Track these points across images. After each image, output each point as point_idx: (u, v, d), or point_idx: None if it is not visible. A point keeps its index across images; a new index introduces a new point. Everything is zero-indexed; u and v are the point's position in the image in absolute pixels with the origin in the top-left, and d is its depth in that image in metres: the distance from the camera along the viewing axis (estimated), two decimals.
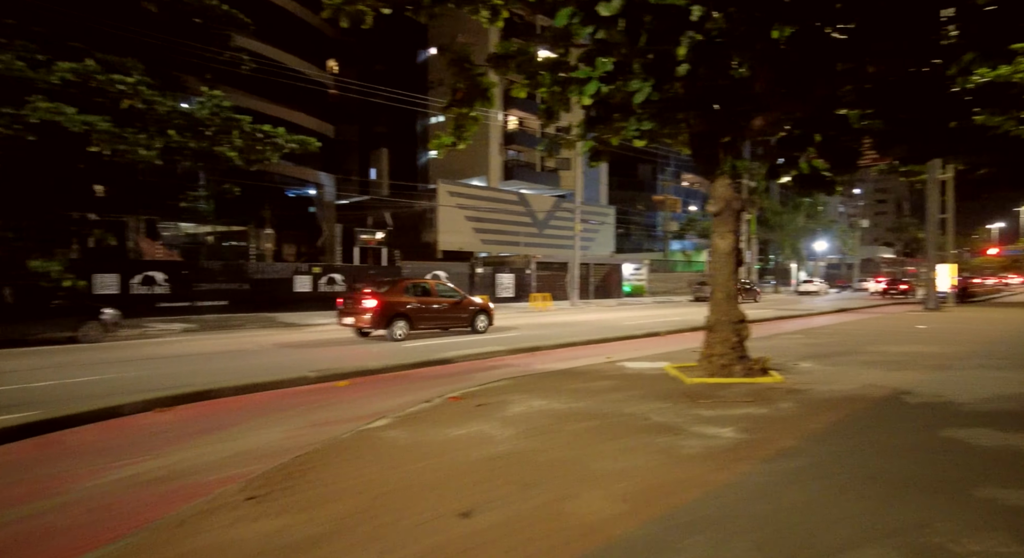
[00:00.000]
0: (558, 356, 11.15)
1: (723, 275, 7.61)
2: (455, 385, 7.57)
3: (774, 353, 10.00)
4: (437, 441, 4.74)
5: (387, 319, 13.13)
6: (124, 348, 12.11)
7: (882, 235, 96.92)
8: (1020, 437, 4.64)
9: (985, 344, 11.10)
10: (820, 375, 7.74)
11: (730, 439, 4.70)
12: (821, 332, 14.18)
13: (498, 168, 43.88)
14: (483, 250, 39.34)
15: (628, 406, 5.96)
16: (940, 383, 7.03)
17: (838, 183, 9.69)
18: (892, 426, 5.05)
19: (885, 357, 9.40)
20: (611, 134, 9.15)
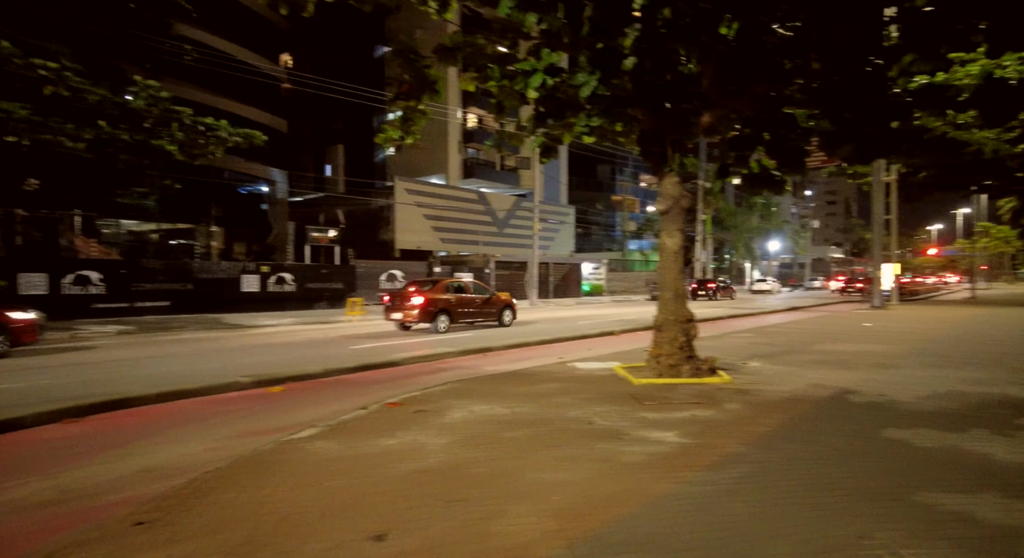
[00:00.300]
0: (510, 357, 10.90)
1: (671, 274, 7.49)
2: (398, 390, 7.24)
3: (724, 352, 10.00)
4: (365, 453, 4.41)
5: (432, 314, 14.51)
6: (43, 353, 11.29)
7: (832, 235, 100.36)
8: (958, 437, 4.61)
9: (925, 342, 11.36)
10: (768, 375, 7.70)
11: (673, 445, 4.52)
12: (771, 331, 14.34)
13: (457, 166, 43.42)
14: (442, 249, 38.86)
15: (573, 410, 5.74)
16: (883, 382, 7.05)
17: (786, 183, 9.72)
18: (836, 428, 4.96)
19: (832, 356, 9.48)
20: (561, 130, 8.95)
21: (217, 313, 20.46)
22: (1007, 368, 7.98)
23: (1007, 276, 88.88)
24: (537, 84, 6.61)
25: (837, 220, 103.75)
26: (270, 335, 14.79)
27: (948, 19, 6.35)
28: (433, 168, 43.10)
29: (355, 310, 20.36)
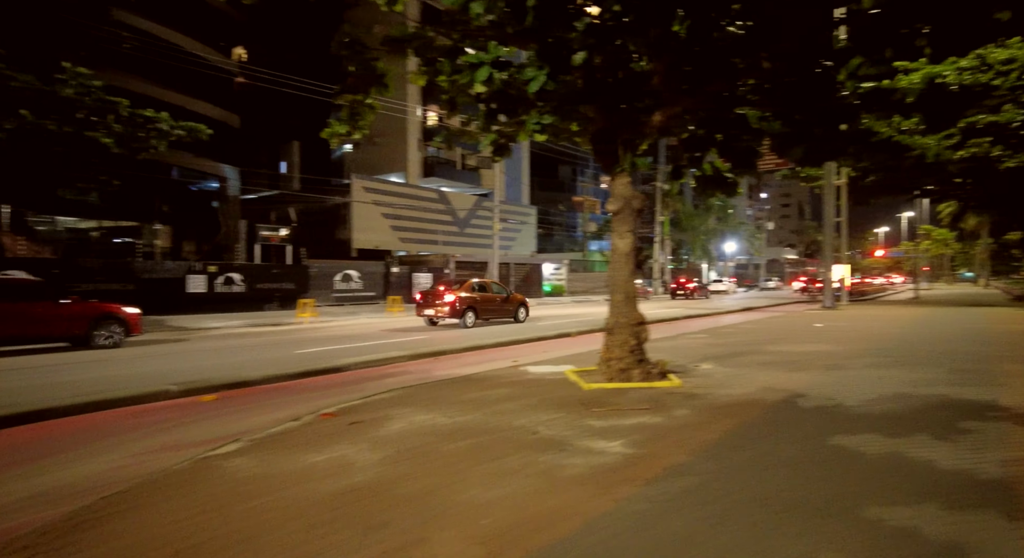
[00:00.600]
0: (463, 361, 10.62)
1: (622, 275, 7.33)
2: (338, 398, 6.88)
3: (677, 354, 9.94)
4: (286, 471, 4.07)
5: (461, 311, 16.31)
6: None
7: (786, 237, 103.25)
8: (903, 442, 4.54)
9: (872, 342, 11.55)
10: (719, 378, 7.62)
11: (617, 455, 4.32)
12: (725, 331, 14.44)
13: (417, 165, 42.82)
14: (401, 248, 38.27)
15: (519, 418, 5.50)
16: (832, 384, 7.05)
17: (739, 185, 9.73)
18: (784, 434, 4.85)
19: (783, 357, 9.50)
20: (515, 128, 8.72)
21: (160, 315, 19.51)
22: (947, 368, 8.10)
23: (947, 277, 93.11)
24: (483, 77, 6.35)
25: (791, 222, 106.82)
26: (216, 335, 14.11)
27: (893, 22, 6.37)
28: (392, 166, 42.41)
29: (306, 312, 19.71)
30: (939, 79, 6.95)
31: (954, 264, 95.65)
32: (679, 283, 41.53)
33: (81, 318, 11.82)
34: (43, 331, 11.48)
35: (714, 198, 59.63)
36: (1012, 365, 8.38)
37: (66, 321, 11.64)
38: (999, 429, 4.89)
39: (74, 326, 11.73)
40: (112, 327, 12.22)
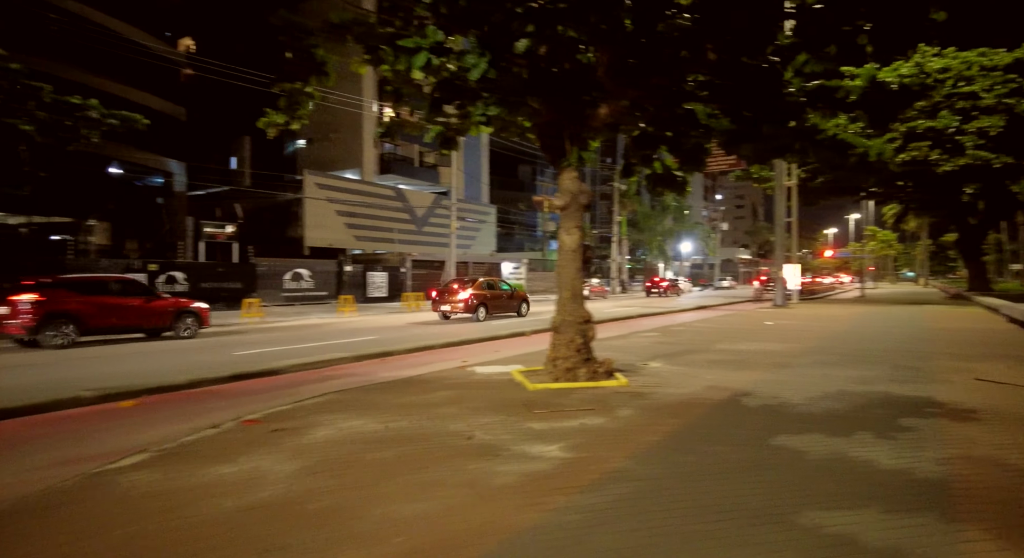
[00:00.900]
0: (411, 361, 10.26)
1: (568, 273, 7.13)
2: (269, 403, 6.46)
3: (627, 352, 9.82)
4: (189, 486, 3.68)
5: (474, 306, 17.90)
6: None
7: (740, 238, 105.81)
8: (844, 442, 4.45)
9: (819, 340, 11.71)
10: (666, 376, 7.50)
11: (554, 461, 4.08)
12: (677, 329, 14.47)
13: (373, 161, 42.00)
14: (356, 247, 37.47)
15: (456, 422, 5.21)
16: (778, 383, 7.00)
17: (688, 184, 9.69)
18: (727, 435, 4.71)
19: (732, 356, 9.49)
20: (460, 120, 8.42)
21: None
22: (889, 365, 8.20)
23: (891, 276, 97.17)
24: (421, 63, 6.04)
25: (745, 223, 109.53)
26: (162, 338, 13.34)
27: (835, 19, 6.34)
28: (348, 163, 41.51)
29: (252, 311, 18.95)
30: (880, 77, 6.98)
31: (897, 264, 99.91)
32: (654, 282, 44.64)
33: (167, 312, 13.53)
34: (139, 323, 13.16)
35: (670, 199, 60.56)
36: (948, 362, 8.54)
37: (157, 315, 13.36)
38: (936, 426, 4.86)
39: (163, 318, 13.43)
40: (189, 320, 13.87)
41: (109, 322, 12.53)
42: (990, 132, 24.90)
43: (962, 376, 7.23)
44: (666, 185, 9.50)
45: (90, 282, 12.84)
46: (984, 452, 4.18)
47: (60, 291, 11.82)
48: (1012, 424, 4.93)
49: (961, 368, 7.88)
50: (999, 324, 14.93)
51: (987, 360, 8.62)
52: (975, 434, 4.63)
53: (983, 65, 26.91)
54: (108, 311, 12.40)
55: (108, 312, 12.40)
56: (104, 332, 12.66)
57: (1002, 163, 24.27)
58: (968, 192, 25.76)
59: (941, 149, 25.51)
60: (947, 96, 26.83)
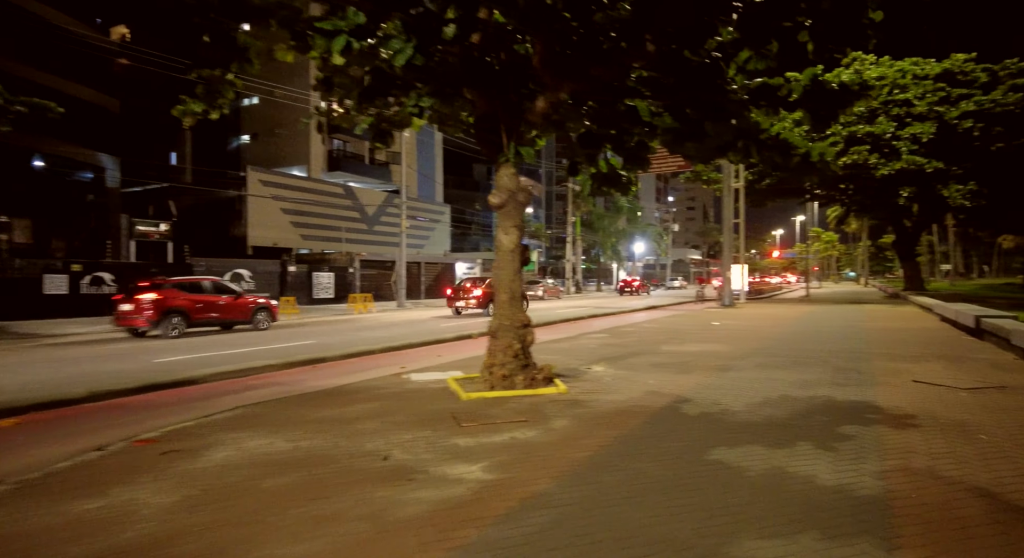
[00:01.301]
0: (346, 368, 9.71)
1: (506, 274, 6.76)
2: (174, 418, 5.86)
3: (572, 355, 9.55)
4: (39, 528, 3.12)
5: (485, 303, 20.68)
6: None
7: (691, 239, 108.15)
8: (784, 454, 4.22)
9: (763, 341, 11.72)
10: (607, 382, 7.21)
11: (473, 484, 3.69)
12: (625, 330, 14.32)
13: (321, 158, 40.78)
14: (303, 246, 36.33)
15: (375, 439, 4.76)
16: (720, 387, 6.81)
17: (633, 183, 9.50)
18: (662, 448, 4.42)
19: (676, 358, 9.32)
20: (395, 111, 7.96)
21: (8, 320, 17.08)
22: (831, 367, 8.15)
23: (834, 276, 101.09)
24: (340, 47, 5.55)
25: (696, 224, 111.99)
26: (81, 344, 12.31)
27: (777, 14, 6.19)
28: (294, 159, 40.21)
29: None
30: (821, 76, 6.90)
31: (840, 264, 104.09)
32: (627, 282, 47.92)
33: (248, 308, 16.20)
34: (228, 316, 15.81)
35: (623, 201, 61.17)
36: (887, 363, 8.57)
37: (240, 310, 16.01)
38: (875, 434, 4.70)
39: (244, 313, 16.09)
40: (262, 314, 16.49)
41: (208, 316, 15.20)
42: (923, 138, 25.91)
43: (900, 378, 7.20)
44: (611, 184, 9.28)
45: (192, 283, 15.71)
46: (922, 463, 4.00)
47: (171, 290, 14.29)
48: (947, 430, 4.82)
49: (900, 370, 7.88)
50: (932, 322, 15.38)
51: (923, 360, 8.69)
52: (913, 442, 4.48)
53: (915, 74, 28.04)
54: (207, 307, 15.15)
55: (207, 308, 15.15)
56: (203, 325, 15.30)
57: (933, 168, 25.27)
58: (904, 195, 26.75)
59: (879, 153, 26.40)
60: (884, 102, 27.82)
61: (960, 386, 6.52)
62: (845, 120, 27.95)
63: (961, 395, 6.13)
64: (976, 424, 4.97)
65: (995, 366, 8.06)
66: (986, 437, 4.54)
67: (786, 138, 7.91)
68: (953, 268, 69.03)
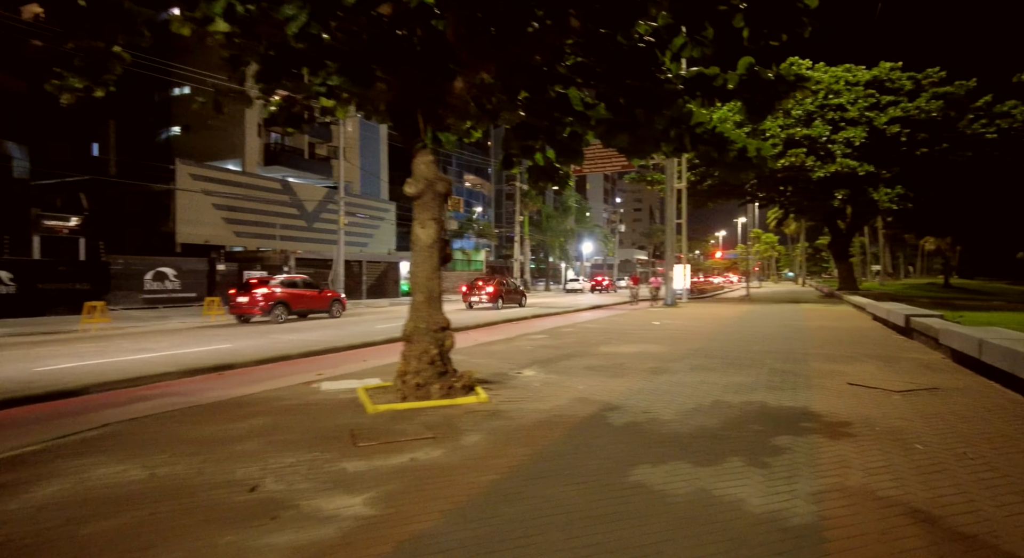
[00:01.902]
0: (257, 375, 8.88)
1: (424, 272, 6.15)
2: (29, 438, 4.98)
3: (505, 359, 9.01)
4: None
5: (496, 298, 25.07)
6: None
7: (638, 239, 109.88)
8: (713, 474, 3.78)
9: (702, 340, 11.50)
10: (535, 388, 6.70)
11: (347, 523, 3.07)
12: (565, 331, 13.92)
13: (257, 151, 38.99)
14: (237, 243, 34.60)
15: (250, 464, 4.07)
16: (652, 392, 6.39)
17: (569, 178, 9.07)
18: (579, 469, 3.91)
19: (612, 360, 8.91)
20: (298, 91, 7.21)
21: None
22: (767, 369, 7.90)
23: (774, 276, 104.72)
24: (220, 10, 4.82)
25: (642, 225, 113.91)
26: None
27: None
28: (229, 152, 38.34)
29: (95, 317, 16.42)
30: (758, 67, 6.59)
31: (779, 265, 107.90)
32: (597, 281, 50.90)
33: (327, 299, 20.11)
34: (316, 306, 19.58)
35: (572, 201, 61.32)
36: (822, 364, 8.40)
37: (322, 301, 19.83)
38: (810, 446, 4.33)
39: (324, 304, 19.90)
40: (336, 306, 20.49)
41: (300, 306, 18.91)
42: (855, 142, 26.73)
43: (835, 380, 6.98)
44: (547, 178, 8.80)
45: (291, 281, 19.31)
46: (858, 480, 3.63)
47: (277, 286, 17.92)
48: (883, 439, 4.50)
49: (835, 371, 7.69)
50: (866, 322, 15.64)
51: (857, 361, 8.57)
52: (849, 454, 4.12)
53: (848, 80, 28.95)
54: (300, 299, 18.84)
55: (300, 300, 18.84)
56: (298, 314, 18.89)
57: (865, 171, 26.10)
58: (839, 197, 27.53)
59: (815, 156, 27.08)
60: (820, 107, 28.59)
61: (893, 389, 6.32)
62: (784, 123, 28.63)
63: (895, 398, 5.90)
64: (911, 431, 4.68)
65: (925, 366, 7.98)
66: (922, 447, 4.24)
67: (722, 131, 7.61)
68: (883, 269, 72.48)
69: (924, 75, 28.76)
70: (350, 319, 19.71)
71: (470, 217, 55.04)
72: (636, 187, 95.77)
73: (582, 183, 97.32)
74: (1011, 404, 5.62)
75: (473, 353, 9.91)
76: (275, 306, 17.70)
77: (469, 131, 9.03)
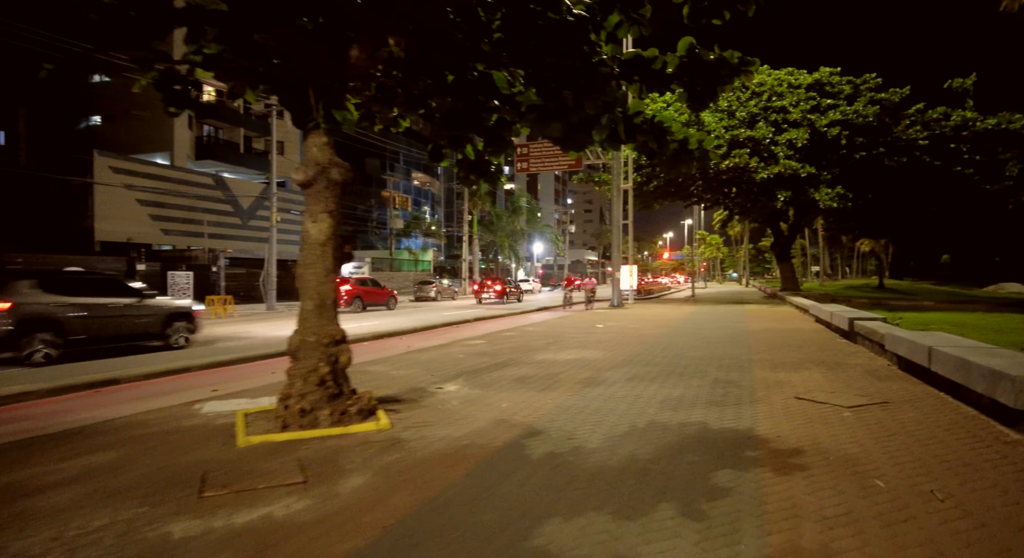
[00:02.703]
0: (143, 390, 7.72)
1: (315, 274, 5.21)
2: None
3: (431, 369, 8.14)
4: None
5: (504, 296, 32.47)
6: None
7: (588, 240, 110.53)
8: (635, 533, 3.03)
9: (643, 345, 10.91)
10: (453, 407, 5.86)
11: None
12: (506, 336, 13.13)
13: (187, 144, 36.75)
14: (164, 242, 32.47)
15: (41, 529, 3.08)
16: (582, 411, 5.65)
17: (501, 173, 8.31)
18: (474, 526, 3.09)
19: (546, 369, 8.16)
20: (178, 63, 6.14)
21: None
22: (710, 379, 7.31)
23: (719, 276, 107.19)
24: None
25: (593, 226, 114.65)
26: None
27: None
28: (156, 145, 36.01)
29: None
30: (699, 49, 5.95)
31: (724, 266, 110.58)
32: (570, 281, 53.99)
33: (388, 295, 25.98)
34: (377, 300, 25.43)
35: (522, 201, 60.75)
36: (767, 372, 7.88)
37: (383, 296, 25.74)
38: (756, 484, 3.65)
39: (384, 298, 25.75)
40: (392, 300, 26.15)
41: (372, 301, 24.92)
42: (797, 143, 27.03)
43: (781, 393, 6.41)
44: (478, 173, 8.00)
45: (364, 280, 26.15)
46: (814, 538, 2.93)
47: (355, 285, 23.36)
48: (838, 472, 3.87)
49: (780, 381, 7.15)
50: (808, 324, 15.48)
51: (803, 368, 8.09)
52: (801, 497, 3.45)
53: (791, 82, 29.33)
54: (371, 295, 24.96)
55: (371, 296, 24.96)
56: (370, 307, 24.71)
57: (807, 173, 26.40)
58: (781, 198, 27.79)
59: (759, 157, 27.25)
60: (764, 108, 28.84)
61: (843, 404, 5.77)
62: (728, 124, 28.74)
63: (845, 416, 5.34)
64: (868, 461, 4.07)
65: (871, 374, 7.55)
66: (883, 484, 3.61)
67: (661, 120, 6.96)
68: (822, 269, 75.05)
69: (862, 80, 29.41)
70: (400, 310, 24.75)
71: (417, 215, 53.75)
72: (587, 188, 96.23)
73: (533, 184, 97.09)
74: (965, 421, 5.13)
75: (397, 363, 9.00)
76: (355, 300, 23.85)
77: (396, 120, 8.16)
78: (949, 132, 27.56)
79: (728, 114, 29.48)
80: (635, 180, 29.78)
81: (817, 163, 27.17)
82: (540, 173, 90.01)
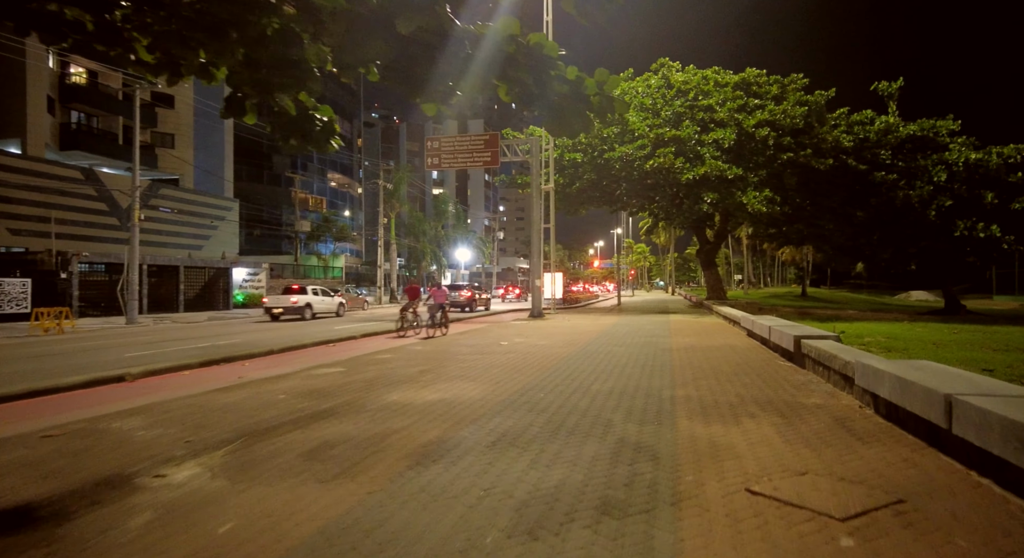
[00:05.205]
0: None
1: None
2: None
3: (200, 425, 5.11)
4: None
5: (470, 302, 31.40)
6: None
7: (521, 248, 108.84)
8: None
9: (541, 374, 8.41)
10: (126, 537, 3.04)
11: None
12: (377, 359, 10.32)
13: (46, 131, 31.80)
14: (11, 244, 27.66)
15: None
16: (380, 530, 2.96)
17: (332, 135, 5.52)
18: None
19: (380, 422, 5.44)
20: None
21: None
22: (611, 442, 4.83)
23: (647, 285, 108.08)
24: None
25: (525, 233, 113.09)
26: None
27: None
28: (6, 131, 30.89)
29: None
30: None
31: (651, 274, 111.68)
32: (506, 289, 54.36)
33: (470, 299, 30.52)
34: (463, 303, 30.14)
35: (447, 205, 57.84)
36: (697, 427, 5.47)
37: (467, 300, 30.34)
38: None
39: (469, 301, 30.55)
40: (476, 303, 31.29)
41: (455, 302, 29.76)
42: (724, 144, 25.69)
43: (722, 480, 3.93)
44: (300, 136, 5.19)
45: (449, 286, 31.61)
46: None
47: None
48: None
49: (717, 445, 4.74)
50: (740, 339, 13.53)
51: (745, 417, 5.75)
52: None
53: (717, 81, 28.12)
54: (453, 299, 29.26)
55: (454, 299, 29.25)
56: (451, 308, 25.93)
57: (734, 174, 25.06)
58: (707, 201, 26.36)
59: (684, 158, 25.73)
60: (690, 107, 27.43)
61: (830, 509, 3.34)
62: (653, 123, 27.13)
63: (844, 546, 2.90)
64: None
65: (845, 427, 5.28)
66: None
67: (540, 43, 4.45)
68: (746, 278, 76.20)
69: (790, 80, 28.65)
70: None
71: (327, 217, 49.85)
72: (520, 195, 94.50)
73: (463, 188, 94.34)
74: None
75: (167, 411, 6.03)
76: None
77: (207, 68, 5.22)
78: (873, 137, 27.04)
79: (653, 113, 27.92)
80: (557, 181, 27.73)
81: (744, 165, 25.93)
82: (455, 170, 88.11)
